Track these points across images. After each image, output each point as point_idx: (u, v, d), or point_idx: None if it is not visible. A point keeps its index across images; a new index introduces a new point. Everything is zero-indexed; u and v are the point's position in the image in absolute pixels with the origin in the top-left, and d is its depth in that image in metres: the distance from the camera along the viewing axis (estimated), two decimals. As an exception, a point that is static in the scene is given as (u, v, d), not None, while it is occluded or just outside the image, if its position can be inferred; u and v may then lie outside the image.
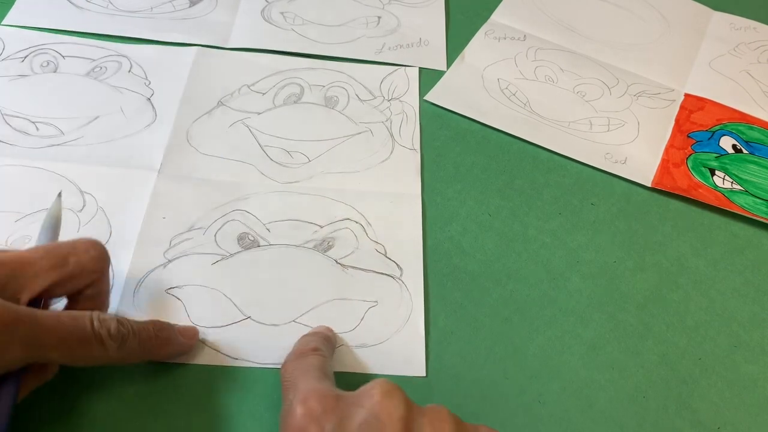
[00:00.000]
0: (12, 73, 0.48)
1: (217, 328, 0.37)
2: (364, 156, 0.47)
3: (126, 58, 0.50)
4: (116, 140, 0.45)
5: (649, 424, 0.37)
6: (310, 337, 0.36)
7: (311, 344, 0.34)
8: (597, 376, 0.38)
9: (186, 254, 0.40)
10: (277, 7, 0.56)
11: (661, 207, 0.47)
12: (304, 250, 0.41)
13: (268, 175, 0.45)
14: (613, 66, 0.57)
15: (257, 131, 0.47)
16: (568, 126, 0.51)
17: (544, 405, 0.37)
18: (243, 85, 0.50)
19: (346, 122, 0.49)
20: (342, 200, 0.44)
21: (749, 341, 0.41)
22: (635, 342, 0.40)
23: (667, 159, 0.50)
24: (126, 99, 0.48)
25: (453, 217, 0.45)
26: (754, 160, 0.51)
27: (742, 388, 0.39)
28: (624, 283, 0.43)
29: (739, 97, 0.56)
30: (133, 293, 0.38)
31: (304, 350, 0.33)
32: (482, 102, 0.52)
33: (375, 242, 0.42)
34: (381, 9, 0.58)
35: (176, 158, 0.45)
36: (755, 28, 0.62)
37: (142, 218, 0.41)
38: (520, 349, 0.39)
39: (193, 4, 0.56)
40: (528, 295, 0.41)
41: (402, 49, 0.55)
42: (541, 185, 0.47)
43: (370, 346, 0.38)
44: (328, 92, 0.50)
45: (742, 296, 0.43)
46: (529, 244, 0.44)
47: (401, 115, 0.50)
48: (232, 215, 0.42)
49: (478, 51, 0.56)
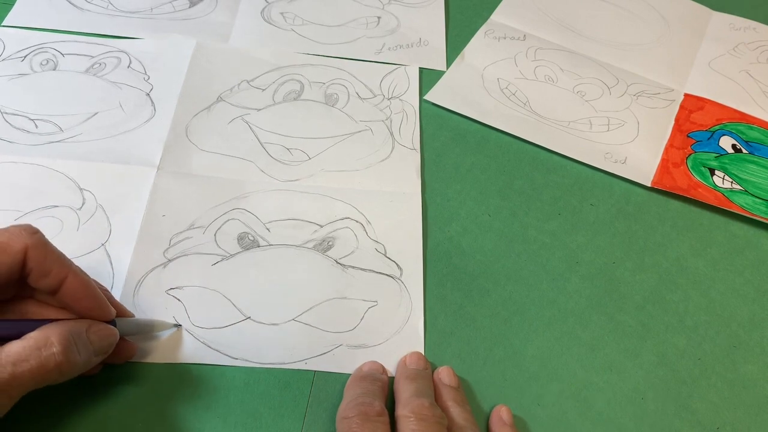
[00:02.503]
0: (12, 73, 0.48)
1: (218, 329, 0.37)
2: (364, 155, 0.47)
3: (125, 53, 0.50)
4: (115, 136, 0.45)
5: (648, 425, 0.37)
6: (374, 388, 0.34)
7: (376, 405, 0.32)
8: (596, 377, 0.38)
9: (186, 254, 0.40)
10: (277, 8, 0.56)
11: (660, 207, 0.47)
12: (304, 250, 0.41)
13: (267, 172, 0.45)
14: (613, 66, 0.57)
15: (257, 128, 0.47)
16: (567, 126, 0.51)
17: (542, 406, 0.37)
18: (242, 80, 0.50)
19: (347, 120, 0.49)
20: (342, 199, 0.44)
21: (749, 341, 0.41)
22: (634, 342, 0.40)
23: (666, 159, 0.50)
24: (125, 95, 0.48)
25: (453, 217, 0.45)
26: (754, 159, 0.51)
27: (741, 388, 0.39)
28: (623, 284, 0.43)
29: (739, 97, 0.56)
30: (133, 293, 0.38)
31: (369, 412, 0.32)
32: (482, 102, 0.52)
33: (375, 241, 0.42)
34: (381, 9, 0.58)
35: (175, 154, 0.45)
36: (755, 28, 0.62)
37: (142, 216, 0.41)
38: (519, 349, 0.39)
39: (193, 5, 0.55)
40: (527, 295, 0.41)
41: (402, 49, 0.55)
42: (541, 185, 0.47)
43: (370, 346, 0.38)
44: (328, 89, 0.50)
45: (741, 296, 0.43)
46: (528, 244, 0.44)
47: (401, 114, 0.50)
48: (231, 214, 0.42)
49: (478, 51, 0.56)
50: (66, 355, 0.30)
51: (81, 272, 0.32)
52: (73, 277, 0.32)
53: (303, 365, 0.36)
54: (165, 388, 0.35)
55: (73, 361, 0.30)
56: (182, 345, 0.36)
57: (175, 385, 0.35)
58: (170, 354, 0.36)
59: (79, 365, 0.31)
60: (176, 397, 0.35)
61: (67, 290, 0.31)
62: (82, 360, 0.31)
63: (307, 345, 0.37)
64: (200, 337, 0.37)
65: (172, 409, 0.34)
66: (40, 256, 0.31)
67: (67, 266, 0.32)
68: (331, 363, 0.37)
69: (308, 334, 0.38)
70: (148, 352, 0.36)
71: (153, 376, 0.35)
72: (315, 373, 0.36)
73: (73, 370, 0.30)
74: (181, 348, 0.36)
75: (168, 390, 0.35)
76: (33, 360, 0.29)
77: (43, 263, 0.31)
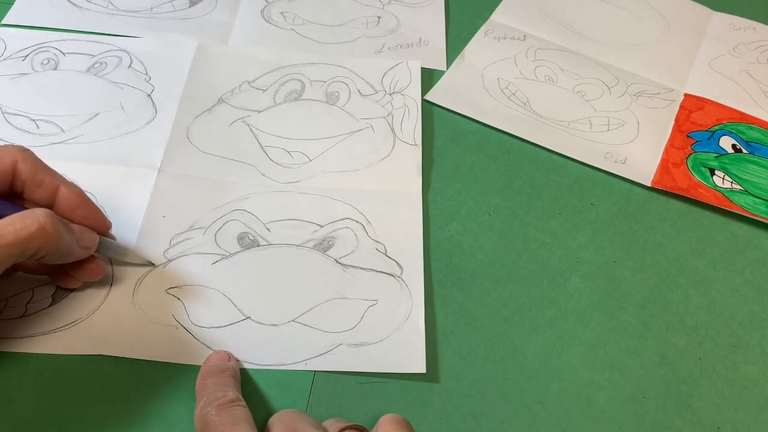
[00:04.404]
0: (13, 72, 0.48)
1: (217, 329, 0.37)
2: (364, 153, 0.47)
3: (126, 52, 0.50)
4: (116, 138, 0.45)
5: (648, 424, 0.37)
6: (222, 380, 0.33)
7: (229, 394, 0.32)
8: (596, 376, 0.38)
9: (186, 254, 0.40)
10: (277, 7, 0.56)
11: (660, 207, 0.47)
12: (304, 249, 0.41)
13: (268, 175, 0.45)
14: (612, 66, 0.57)
15: (258, 130, 0.47)
16: (567, 126, 0.51)
17: (543, 405, 0.37)
18: (244, 81, 0.50)
19: (347, 119, 0.49)
20: (342, 199, 0.44)
21: (749, 341, 0.41)
22: (635, 342, 0.40)
23: (666, 159, 0.50)
24: (126, 95, 0.48)
25: (453, 216, 0.45)
26: (754, 159, 0.51)
27: (741, 387, 0.39)
28: (624, 283, 0.43)
29: (739, 97, 0.56)
30: (132, 293, 0.38)
31: (223, 402, 0.31)
32: (482, 102, 0.52)
33: (375, 241, 0.42)
34: (381, 9, 0.58)
35: (176, 156, 0.45)
36: (755, 28, 0.62)
37: (143, 217, 0.41)
38: (520, 349, 0.39)
39: (193, 4, 0.56)
40: (528, 294, 0.41)
41: (402, 49, 0.55)
42: (541, 185, 0.47)
43: (371, 344, 0.38)
44: (329, 88, 0.50)
45: (741, 296, 0.43)
46: (528, 244, 0.44)
47: (403, 109, 0.50)
48: (232, 215, 0.42)
49: (478, 51, 0.56)
50: (50, 219, 0.31)
51: (73, 184, 0.35)
52: (65, 187, 0.35)
53: (303, 366, 0.36)
54: (165, 387, 0.35)
55: (57, 228, 0.32)
56: (182, 345, 0.36)
57: (175, 384, 0.35)
58: (170, 353, 0.36)
59: (63, 242, 0.32)
60: (176, 397, 0.35)
61: (61, 200, 0.34)
62: (66, 239, 0.33)
63: (307, 345, 0.37)
64: (200, 337, 0.37)
65: (172, 409, 0.34)
66: (30, 169, 0.34)
67: (58, 178, 0.35)
68: (331, 362, 0.37)
69: (308, 334, 0.38)
70: (148, 351, 0.36)
71: (153, 375, 0.35)
72: (315, 373, 0.36)
73: (58, 243, 0.32)
74: (181, 348, 0.36)
75: (168, 390, 0.35)
76: (18, 223, 0.30)
77: (35, 175, 0.34)
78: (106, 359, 0.35)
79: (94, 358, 0.35)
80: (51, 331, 0.36)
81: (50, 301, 0.37)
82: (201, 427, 0.31)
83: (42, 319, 0.36)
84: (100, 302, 0.37)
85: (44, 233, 0.31)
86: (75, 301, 0.37)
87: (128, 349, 0.36)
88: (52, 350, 0.35)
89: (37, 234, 0.31)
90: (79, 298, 0.37)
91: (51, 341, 0.36)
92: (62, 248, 0.33)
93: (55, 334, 0.36)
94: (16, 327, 0.36)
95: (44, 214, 0.31)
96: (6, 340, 0.35)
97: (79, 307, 0.37)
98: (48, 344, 0.35)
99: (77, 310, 0.37)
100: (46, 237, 0.31)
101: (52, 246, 0.32)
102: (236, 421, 0.30)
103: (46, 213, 0.31)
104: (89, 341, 0.36)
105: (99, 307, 0.37)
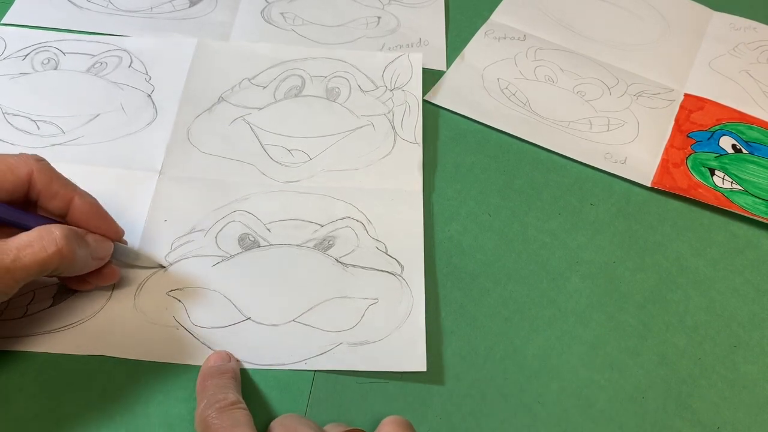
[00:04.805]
0: (13, 72, 0.48)
1: (218, 329, 0.37)
2: (365, 152, 0.47)
3: (126, 52, 0.50)
4: (117, 139, 0.45)
5: (648, 424, 0.37)
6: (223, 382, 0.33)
7: (230, 397, 0.32)
8: (596, 376, 0.39)
9: (187, 257, 0.40)
10: (277, 8, 0.56)
11: (660, 207, 0.47)
12: (304, 249, 0.41)
13: (268, 174, 0.45)
14: (612, 66, 0.57)
15: (258, 129, 0.47)
16: (567, 126, 0.51)
17: (543, 405, 0.37)
18: (244, 78, 0.50)
19: (348, 116, 0.48)
20: (342, 198, 0.44)
21: (749, 341, 0.41)
22: (635, 342, 0.40)
23: (666, 159, 0.50)
24: (126, 96, 0.48)
25: (453, 216, 0.45)
26: (754, 159, 0.51)
27: (741, 387, 0.39)
28: (623, 283, 0.43)
29: (739, 97, 0.56)
30: (134, 296, 0.38)
31: (223, 405, 0.31)
32: (482, 102, 0.52)
33: (376, 240, 0.42)
34: (381, 9, 0.58)
35: (177, 158, 0.45)
36: (755, 28, 0.62)
37: (144, 221, 0.41)
38: (520, 349, 0.39)
39: (193, 4, 0.56)
40: (527, 295, 0.41)
41: (402, 50, 0.55)
42: (541, 185, 0.47)
43: (371, 342, 0.38)
44: (329, 84, 0.50)
45: (741, 296, 0.43)
46: (528, 244, 0.44)
47: (403, 106, 0.49)
48: (232, 216, 0.42)
49: (477, 51, 0.56)
50: (66, 241, 0.32)
51: (87, 194, 0.36)
52: (79, 198, 0.35)
53: (303, 365, 0.36)
54: (165, 387, 0.35)
55: (72, 249, 0.32)
56: (182, 345, 0.36)
57: (175, 384, 0.35)
58: (170, 354, 0.36)
59: (78, 258, 0.33)
60: (176, 397, 0.35)
61: (75, 211, 0.35)
62: (81, 254, 0.33)
63: (307, 345, 0.37)
64: (200, 337, 0.37)
65: (172, 409, 0.34)
66: (46, 179, 0.34)
67: (72, 189, 0.35)
68: (331, 362, 0.37)
69: (308, 334, 0.38)
70: (148, 352, 0.36)
71: (153, 375, 0.35)
72: (315, 373, 0.36)
73: (73, 262, 0.33)
74: (182, 348, 0.36)
75: (168, 389, 0.35)
76: (36, 245, 0.31)
77: (50, 186, 0.34)
78: (106, 359, 0.35)
79: (95, 358, 0.35)
80: (52, 331, 0.36)
81: (50, 303, 0.37)
82: (202, 429, 0.31)
83: (43, 319, 0.36)
84: (102, 305, 0.37)
85: (60, 255, 0.32)
86: (77, 303, 0.37)
87: (129, 350, 0.36)
88: (53, 349, 0.35)
89: (54, 256, 0.32)
90: (81, 301, 0.37)
91: (52, 340, 0.36)
92: (77, 264, 0.34)
93: (56, 334, 0.36)
94: (17, 327, 0.36)
95: (61, 236, 0.32)
96: (6, 338, 0.35)
97: (81, 309, 0.37)
98: (49, 343, 0.36)
99: (79, 311, 0.37)
100: (62, 259, 0.32)
101: (67, 265, 0.33)
102: (237, 424, 0.30)
103: (62, 234, 0.32)
104: (90, 341, 0.36)
105: (101, 310, 0.37)
